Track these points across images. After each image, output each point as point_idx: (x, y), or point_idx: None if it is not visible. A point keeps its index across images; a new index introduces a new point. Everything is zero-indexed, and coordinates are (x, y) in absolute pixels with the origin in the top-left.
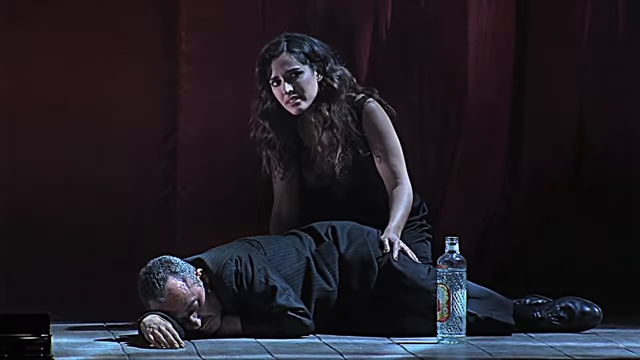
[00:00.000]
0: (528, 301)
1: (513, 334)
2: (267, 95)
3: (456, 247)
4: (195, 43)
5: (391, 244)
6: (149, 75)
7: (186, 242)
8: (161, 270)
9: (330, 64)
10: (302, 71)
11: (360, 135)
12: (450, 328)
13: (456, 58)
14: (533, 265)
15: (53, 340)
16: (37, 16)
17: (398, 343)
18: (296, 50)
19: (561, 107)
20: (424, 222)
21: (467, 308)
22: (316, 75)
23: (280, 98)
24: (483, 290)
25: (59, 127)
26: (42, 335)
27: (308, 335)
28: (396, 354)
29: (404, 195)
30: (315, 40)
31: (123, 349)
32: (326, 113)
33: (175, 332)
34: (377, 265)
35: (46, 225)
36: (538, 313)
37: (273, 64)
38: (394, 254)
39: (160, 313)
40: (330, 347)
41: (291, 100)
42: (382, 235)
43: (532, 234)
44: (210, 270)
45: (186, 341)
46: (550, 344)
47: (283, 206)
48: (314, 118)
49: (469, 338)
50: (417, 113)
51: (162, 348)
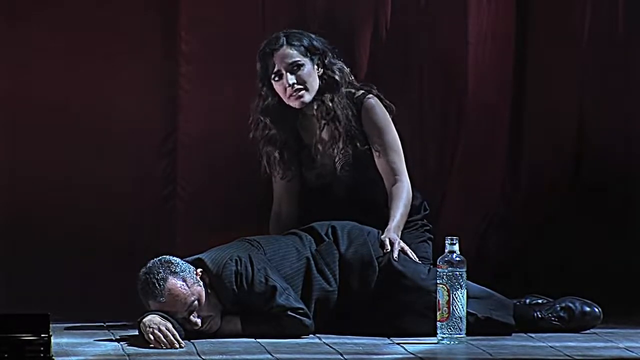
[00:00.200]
0: (528, 301)
1: (513, 334)
2: (268, 91)
3: (456, 247)
4: (195, 43)
5: (391, 244)
6: (149, 75)
7: (186, 242)
8: (161, 270)
9: (329, 57)
10: (304, 63)
11: (359, 129)
12: (450, 328)
13: (456, 58)
14: (533, 265)
15: (53, 340)
16: (37, 16)
17: (398, 343)
18: (296, 43)
19: (561, 107)
20: (425, 222)
21: (467, 308)
22: (317, 68)
23: (282, 92)
24: (483, 290)
25: (59, 127)
26: (42, 335)
27: (308, 335)
28: (396, 354)
29: (403, 192)
30: (312, 35)
31: (123, 349)
32: (329, 104)
33: (175, 332)
34: (378, 265)
35: (46, 225)
36: (538, 313)
37: (274, 58)
38: (394, 254)
39: (160, 313)
40: (330, 347)
41: (294, 92)
42: (383, 235)
43: (532, 234)
44: (210, 270)
45: (186, 341)
46: (550, 344)
47: (283, 206)
48: (317, 111)
49: (469, 338)
50: (417, 113)
51: (162, 348)
